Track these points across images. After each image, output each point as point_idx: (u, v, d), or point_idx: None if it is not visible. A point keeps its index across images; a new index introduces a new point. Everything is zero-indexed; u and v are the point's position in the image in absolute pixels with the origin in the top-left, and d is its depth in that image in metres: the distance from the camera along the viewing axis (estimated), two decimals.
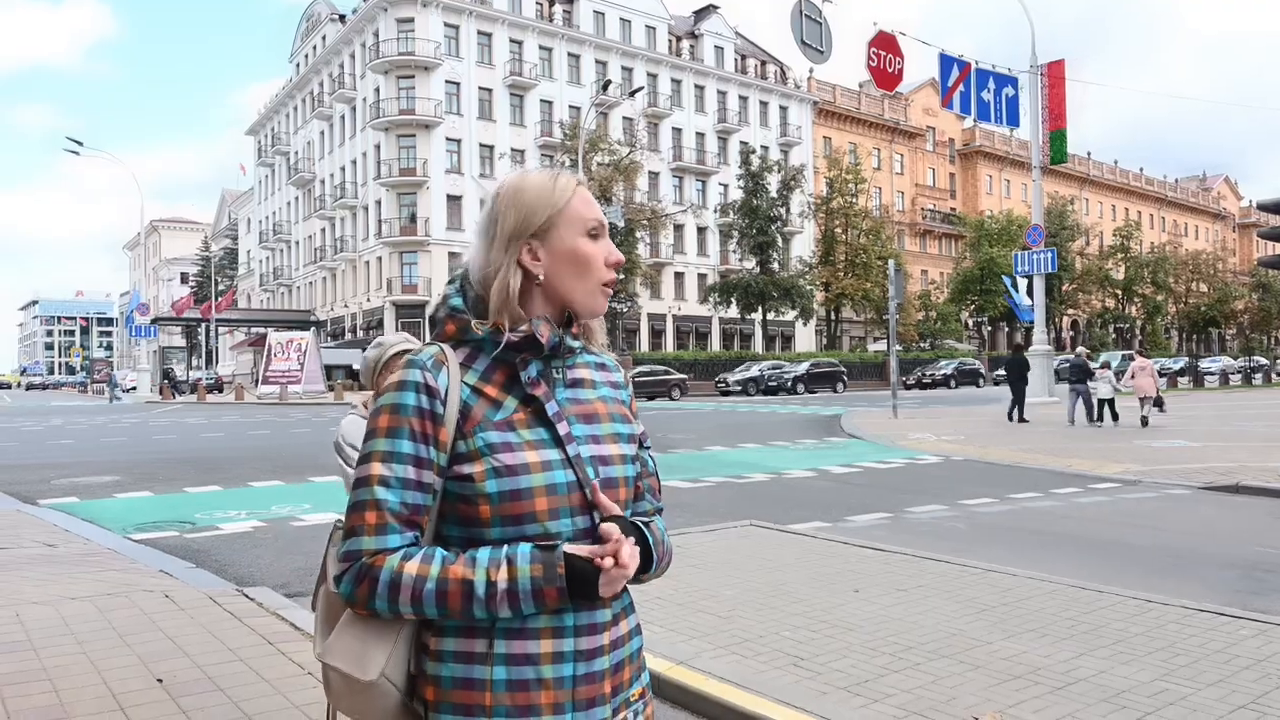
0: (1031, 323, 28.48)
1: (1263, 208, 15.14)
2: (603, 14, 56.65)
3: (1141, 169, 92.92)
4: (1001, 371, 25.97)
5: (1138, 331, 76.42)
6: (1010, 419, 19.42)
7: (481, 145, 51.26)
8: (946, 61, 24.93)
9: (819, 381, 41.47)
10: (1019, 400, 19.55)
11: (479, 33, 51.65)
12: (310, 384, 39.18)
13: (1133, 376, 18.14)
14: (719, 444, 15.88)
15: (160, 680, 3.89)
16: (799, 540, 6.88)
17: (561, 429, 1.28)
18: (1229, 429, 17.09)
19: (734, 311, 51.70)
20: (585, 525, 1.26)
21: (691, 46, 61.04)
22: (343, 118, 56.03)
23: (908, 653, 4.14)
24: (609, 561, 1.20)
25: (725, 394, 39.48)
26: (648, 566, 1.31)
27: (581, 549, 1.21)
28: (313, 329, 50.44)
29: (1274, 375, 47.82)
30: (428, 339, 1.39)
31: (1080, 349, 21.28)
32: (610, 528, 1.22)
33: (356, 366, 40.22)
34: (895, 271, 22.50)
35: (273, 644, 4.39)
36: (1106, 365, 19.11)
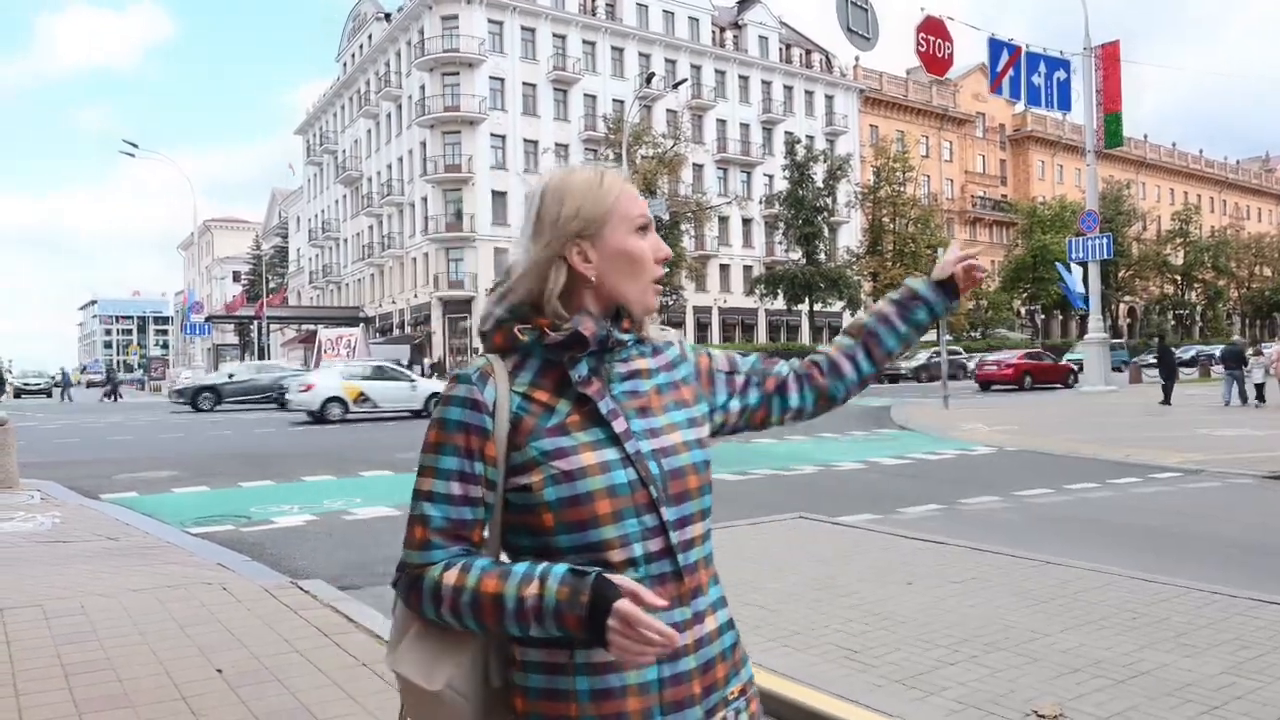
0: (1086, 310, 27.87)
1: None
2: (646, 6, 56.49)
3: (1201, 151, 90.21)
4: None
5: (1198, 318, 74.25)
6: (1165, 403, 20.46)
7: (526, 141, 51.46)
8: (996, 46, 24.43)
9: None
10: (1169, 383, 20.91)
11: (522, 28, 51.85)
12: None
13: (1277, 361, 19.17)
14: (766, 436, 15.78)
15: (220, 670, 3.97)
16: (849, 532, 6.80)
17: (618, 426, 1.24)
18: None
19: (780, 303, 51.31)
20: (653, 524, 1.23)
21: (735, 37, 60.59)
22: (389, 116, 56.63)
23: (963, 645, 4.06)
24: (627, 605, 1.10)
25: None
26: None
27: (624, 580, 1.13)
28: (361, 325, 51.16)
29: None
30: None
31: (1236, 337, 22.33)
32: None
33: (404, 362, 40.05)
34: None
35: (328, 635, 4.46)
36: (1259, 351, 20.49)
